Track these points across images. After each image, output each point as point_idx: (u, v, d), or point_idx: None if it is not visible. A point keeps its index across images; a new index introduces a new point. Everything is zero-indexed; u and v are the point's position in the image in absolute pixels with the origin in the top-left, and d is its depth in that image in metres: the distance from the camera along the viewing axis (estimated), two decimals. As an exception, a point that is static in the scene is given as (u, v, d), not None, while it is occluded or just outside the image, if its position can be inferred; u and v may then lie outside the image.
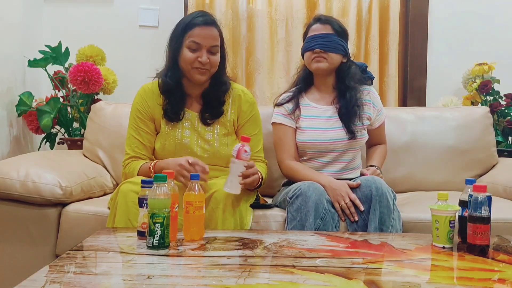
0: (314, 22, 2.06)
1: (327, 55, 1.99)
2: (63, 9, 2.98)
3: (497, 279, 1.18)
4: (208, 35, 1.82)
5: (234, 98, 1.97)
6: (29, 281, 1.08)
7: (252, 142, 1.83)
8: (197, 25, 1.82)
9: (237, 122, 1.97)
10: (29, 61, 2.64)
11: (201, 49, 1.82)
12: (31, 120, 2.64)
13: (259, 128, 2.02)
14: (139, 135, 1.91)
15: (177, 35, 1.85)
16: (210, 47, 1.83)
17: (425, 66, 2.95)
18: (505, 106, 2.66)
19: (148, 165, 1.83)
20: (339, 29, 2.03)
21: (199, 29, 1.81)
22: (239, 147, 1.67)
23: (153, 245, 1.31)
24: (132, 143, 1.91)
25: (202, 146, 1.89)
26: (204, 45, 1.81)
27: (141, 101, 1.94)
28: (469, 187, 1.44)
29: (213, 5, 2.88)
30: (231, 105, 1.96)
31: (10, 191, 1.91)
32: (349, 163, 2.04)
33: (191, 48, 1.82)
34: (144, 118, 1.92)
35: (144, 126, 1.92)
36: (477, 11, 2.92)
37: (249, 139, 1.69)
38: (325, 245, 1.41)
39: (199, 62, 1.82)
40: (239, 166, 1.68)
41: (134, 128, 1.92)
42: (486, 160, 2.42)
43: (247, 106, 1.98)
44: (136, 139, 1.91)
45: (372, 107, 2.09)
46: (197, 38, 1.81)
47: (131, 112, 1.96)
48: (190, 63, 1.83)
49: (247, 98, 1.99)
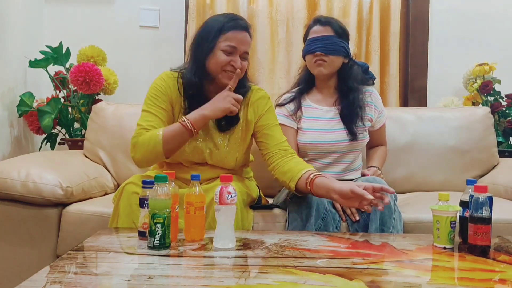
0: (314, 23, 2.05)
1: (328, 57, 1.98)
2: (64, 10, 2.99)
3: (498, 279, 1.18)
4: (244, 40, 1.75)
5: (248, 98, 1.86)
6: (30, 282, 1.08)
7: (275, 132, 1.81)
8: (234, 28, 1.73)
9: (254, 119, 1.85)
10: (30, 61, 2.64)
11: (235, 53, 1.73)
12: (32, 121, 2.65)
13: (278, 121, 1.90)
14: (155, 111, 1.75)
15: (211, 36, 1.74)
16: (243, 53, 1.75)
17: (426, 66, 2.95)
18: (506, 106, 2.66)
19: (177, 124, 1.68)
20: (340, 30, 2.02)
21: (236, 33, 1.73)
22: (220, 190, 1.37)
23: (154, 246, 1.31)
24: (145, 116, 1.75)
25: (211, 150, 1.81)
26: (240, 49, 1.74)
27: (163, 83, 1.80)
28: (470, 187, 1.43)
29: (213, 5, 2.88)
30: (248, 106, 1.85)
31: (11, 192, 1.91)
32: (350, 164, 2.04)
33: (226, 51, 1.72)
34: (162, 98, 1.77)
35: (160, 104, 1.76)
36: (478, 11, 2.92)
37: (231, 178, 1.40)
38: (326, 246, 1.41)
39: (232, 66, 1.73)
40: (227, 213, 1.37)
41: (150, 104, 1.77)
42: (487, 161, 2.42)
43: (263, 100, 1.86)
44: (150, 112, 1.75)
45: (374, 108, 2.09)
46: (234, 41, 1.72)
47: (148, 93, 1.80)
48: (222, 66, 1.73)
49: (262, 93, 1.89)
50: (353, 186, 1.53)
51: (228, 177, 1.39)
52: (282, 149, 1.78)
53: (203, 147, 1.79)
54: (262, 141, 1.82)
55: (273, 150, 1.78)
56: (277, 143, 1.79)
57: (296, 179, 1.67)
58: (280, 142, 1.80)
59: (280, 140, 1.81)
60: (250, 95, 1.86)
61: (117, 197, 1.70)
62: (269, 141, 1.80)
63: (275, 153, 1.77)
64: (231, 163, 1.82)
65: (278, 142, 1.80)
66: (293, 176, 1.68)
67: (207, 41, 1.74)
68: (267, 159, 1.80)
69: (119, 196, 1.69)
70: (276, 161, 1.76)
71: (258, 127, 1.83)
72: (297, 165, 1.72)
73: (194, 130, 1.68)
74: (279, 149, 1.78)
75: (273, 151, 1.78)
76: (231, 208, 1.38)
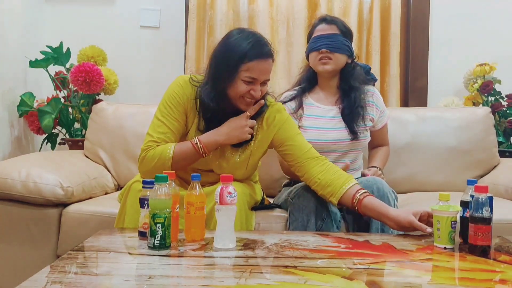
0: (320, 22, 2.05)
1: (333, 55, 1.98)
2: (65, 10, 2.99)
3: (498, 280, 1.18)
4: (266, 70, 1.66)
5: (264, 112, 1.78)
6: (30, 282, 1.08)
7: (300, 141, 1.76)
8: (258, 58, 1.62)
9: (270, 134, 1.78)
10: (31, 61, 2.64)
11: (256, 83, 1.66)
12: (32, 121, 2.65)
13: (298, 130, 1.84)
14: (167, 120, 1.70)
15: (232, 63, 1.63)
16: (264, 81, 1.68)
17: (427, 66, 2.95)
18: (506, 106, 2.66)
19: (189, 144, 1.66)
20: (344, 29, 2.02)
21: (259, 63, 1.63)
22: (220, 190, 1.36)
23: (154, 246, 1.31)
24: (157, 126, 1.70)
25: (220, 162, 1.76)
26: (260, 79, 1.66)
27: (180, 91, 1.73)
28: (471, 187, 1.43)
29: (214, 6, 2.88)
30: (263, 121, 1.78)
31: (12, 192, 1.91)
32: (351, 163, 2.04)
33: (246, 81, 1.64)
34: (177, 108, 1.71)
35: (177, 116, 1.71)
36: (478, 11, 2.92)
37: (231, 178, 1.38)
38: (327, 246, 1.41)
39: (251, 95, 1.66)
40: (228, 213, 1.37)
41: (164, 114, 1.71)
42: (487, 161, 2.42)
43: (278, 114, 1.79)
44: (163, 123, 1.70)
45: (375, 108, 2.09)
46: (255, 73, 1.63)
47: (164, 99, 1.74)
48: (242, 95, 1.66)
49: (277, 107, 1.81)
50: (411, 219, 1.49)
51: (228, 177, 1.38)
52: (311, 157, 1.73)
53: (212, 159, 1.75)
54: (288, 153, 1.76)
55: (301, 160, 1.73)
56: (304, 152, 1.74)
57: (339, 196, 1.64)
58: (307, 150, 1.74)
59: (306, 148, 1.75)
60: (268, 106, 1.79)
61: (124, 196, 1.70)
62: (295, 152, 1.74)
63: (306, 162, 1.72)
64: (239, 175, 1.78)
65: (305, 150, 1.74)
66: (335, 191, 1.65)
67: (228, 67, 1.64)
68: (298, 170, 1.74)
69: (125, 195, 1.68)
70: (310, 170, 1.71)
71: (280, 141, 1.77)
72: (338, 178, 1.67)
73: (205, 154, 1.67)
74: (308, 157, 1.72)
75: (301, 160, 1.73)
76: (232, 208, 1.37)
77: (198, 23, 2.86)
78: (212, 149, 1.69)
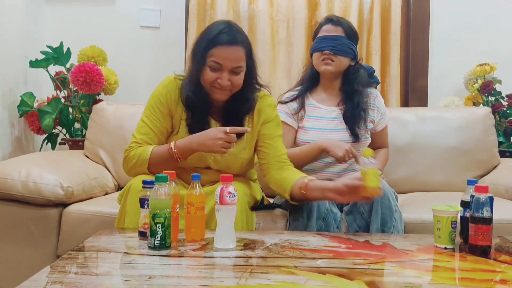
0: (326, 22, 2.05)
1: (336, 57, 1.98)
2: (65, 10, 2.99)
3: (499, 280, 1.18)
4: (231, 56, 1.65)
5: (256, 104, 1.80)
6: (30, 282, 1.08)
7: (277, 143, 1.78)
8: (219, 44, 1.64)
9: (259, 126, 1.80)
10: (31, 61, 2.64)
11: (222, 69, 1.66)
12: (32, 121, 2.65)
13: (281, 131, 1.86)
14: (150, 122, 1.75)
15: (200, 50, 1.68)
16: (234, 68, 1.67)
17: (427, 66, 2.94)
18: (506, 106, 2.66)
19: (166, 147, 1.67)
20: (350, 31, 2.02)
21: (222, 49, 1.64)
22: (220, 190, 1.36)
23: (154, 246, 1.31)
24: (140, 127, 1.75)
25: (215, 157, 1.77)
26: (226, 66, 1.66)
27: (165, 92, 1.76)
28: (471, 187, 1.43)
29: (214, 6, 2.88)
30: (254, 113, 1.80)
31: (12, 192, 1.91)
32: (351, 164, 2.04)
33: (212, 68, 1.66)
34: (162, 110, 1.75)
35: (159, 117, 1.75)
36: (478, 11, 2.92)
37: (231, 178, 1.38)
38: (327, 246, 1.41)
39: (219, 83, 1.67)
40: (228, 213, 1.37)
41: (148, 115, 1.76)
42: (487, 161, 2.42)
43: (269, 108, 1.82)
44: (146, 124, 1.75)
45: (377, 110, 2.09)
46: (218, 58, 1.65)
47: (149, 100, 1.78)
48: (210, 83, 1.68)
49: (269, 101, 1.83)
50: (345, 181, 1.54)
51: (228, 177, 1.38)
52: (280, 161, 1.77)
53: (207, 155, 1.76)
54: (263, 151, 1.80)
55: (271, 161, 1.77)
56: (277, 155, 1.77)
57: (289, 188, 1.67)
58: (280, 154, 1.78)
59: (281, 151, 1.79)
60: (257, 101, 1.81)
61: (124, 196, 1.69)
62: (269, 151, 1.78)
63: (273, 164, 1.77)
64: (236, 169, 1.79)
65: (279, 153, 1.78)
66: (287, 186, 1.68)
67: (198, 55, 1.69)
68: (264, 169, 1.79)
69: (125, 195, 1.67)
70: (272, 172, 1.76)
71: (261, 135, 1.80)
72: (291, 174, 1.71)
73: (180, 159, 1.68)
74: (277, 161, 1.77)
75: (271, 161, 1.77)
76: (232, 208, 1.37)
77: (198, 23, 2.85)
78: (187, 155, 1.68)
